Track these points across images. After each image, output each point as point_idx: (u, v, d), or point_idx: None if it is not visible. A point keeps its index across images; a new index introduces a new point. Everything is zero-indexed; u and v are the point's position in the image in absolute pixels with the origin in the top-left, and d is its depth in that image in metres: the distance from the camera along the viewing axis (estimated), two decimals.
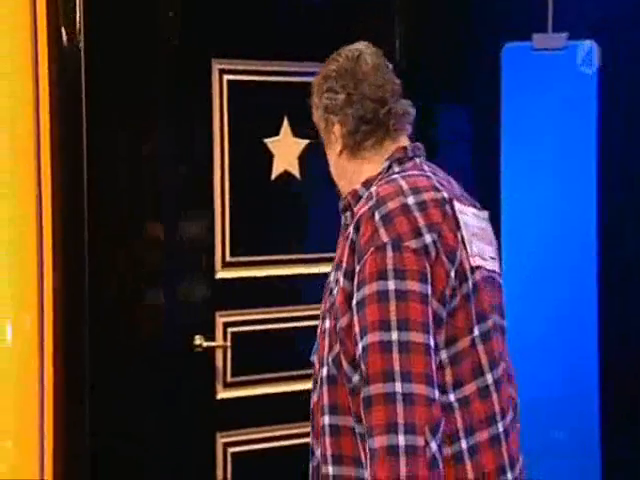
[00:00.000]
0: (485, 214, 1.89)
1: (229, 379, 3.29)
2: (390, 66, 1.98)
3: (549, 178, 3.90)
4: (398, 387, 1.58)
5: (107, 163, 3.08)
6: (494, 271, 1.82)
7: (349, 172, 1.91)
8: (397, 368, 1.59)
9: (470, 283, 1.71)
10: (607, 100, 3.71)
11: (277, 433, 3.33)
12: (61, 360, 2.86)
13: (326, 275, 3.27)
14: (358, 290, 1.67)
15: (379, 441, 1.58)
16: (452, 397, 1.67)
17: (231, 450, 3.29)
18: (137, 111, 3.12)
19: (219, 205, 3.26)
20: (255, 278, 3.32)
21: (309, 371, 3.27)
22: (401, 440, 1.56)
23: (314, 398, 1.82)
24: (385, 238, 1.66)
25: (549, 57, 3.82)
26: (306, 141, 3.35)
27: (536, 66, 3.89)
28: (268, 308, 3.33)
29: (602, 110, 3.72)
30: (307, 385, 3.27)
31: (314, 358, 1.85)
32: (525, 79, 3.86)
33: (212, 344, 3.25)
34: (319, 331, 1.83)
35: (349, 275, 1.72)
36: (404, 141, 1.89)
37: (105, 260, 3.08)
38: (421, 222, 1.68)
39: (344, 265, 1.74)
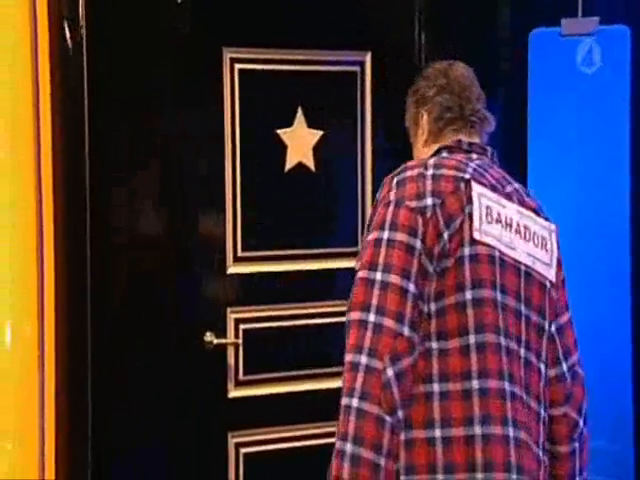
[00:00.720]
0: (545, 223, 2.11)
1: (241, 377, 3.21)
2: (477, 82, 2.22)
3: (579, 169, 3.78)
4: (371, 317, 1.85)
5: (111, 158, 3.01)
6: (527, 265, 2.00)
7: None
8: (374, 302, 1.86)
9: (467, 251, 1.92)
10: None
11: (291, 434, 3.24)
12: (63, 359, 2.79)
13: (340, 270, 3.22)
14: (366, 237, 1.97)
15: (348, 357, 1.87)
16: (434, 345, 1.88)
17: (243, 451, 3.21)
18: (144, 103, 3.04)
19: (230, 198, 3.17)
20: (268, 273, 3.23)
21: (324, 370, 3.27)
22: (363, 359, 1.83)
23: None
24: (392, 197, 1.94)
25: (579, 43, 3.69)
26: (321, 132, 3.25)
27: (565, 53, 3.76)
28: (281, 304, 3.24)
29: (636, 97, 3.58)
30: (321, 384, 3.25)
31: None
32: (553, 66, 3.74)
33: (223, 341, 3.17)
34: None
35: (369, 226, 1.99)
36: (475, 140, 2.13)
37: (110, 257, 3.01)
38: (428, 188, 1.93)
39: (369, 219, 2.02)
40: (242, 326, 3.21)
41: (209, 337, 3.14)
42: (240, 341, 3.19)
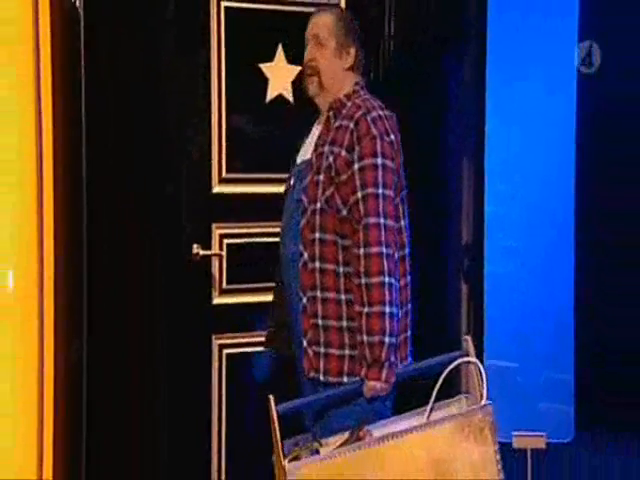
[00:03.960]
0: None
1: (224, 286, 3.55)
2: None
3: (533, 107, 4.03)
4: (382, 220, 2.79)
5: (104, 86, 3.32)
6: None
7: (341, 81, 2.94)
8: (381, 210, 2.79)
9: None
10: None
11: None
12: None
13: None
14: (359, 161, 2.79)
15: (375, 249, 2.76)
16: (401, 222, 2.90)
17: (226, 352, 3.56)
18: (135, 35, 3.35)
19: (216, 124, 3.49)
20: (249, 194, 3.56)
21: None
22: (383, 249, 2.76)
23: (303, 222, 2.90)
24: (375, 132, 2.79)
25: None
26: (299, 67, 3.53)
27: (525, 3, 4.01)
28: (261, 222, 3.56)
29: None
30: None
31: (303, 197, 2.92)
32: (513, 19, 3.97)
33: (208, 252, 3.50)
34: (309, 181, 2.91)
35: (349, 148, 2.82)
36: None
37: (105, 179, 3.35)
38: (388, 127, 2.84)
39: (345, 142, 2.82)
40: (226, 240, 3.54)
41: (195, 249, 3.48)
42: (224, 253, 3.53)
